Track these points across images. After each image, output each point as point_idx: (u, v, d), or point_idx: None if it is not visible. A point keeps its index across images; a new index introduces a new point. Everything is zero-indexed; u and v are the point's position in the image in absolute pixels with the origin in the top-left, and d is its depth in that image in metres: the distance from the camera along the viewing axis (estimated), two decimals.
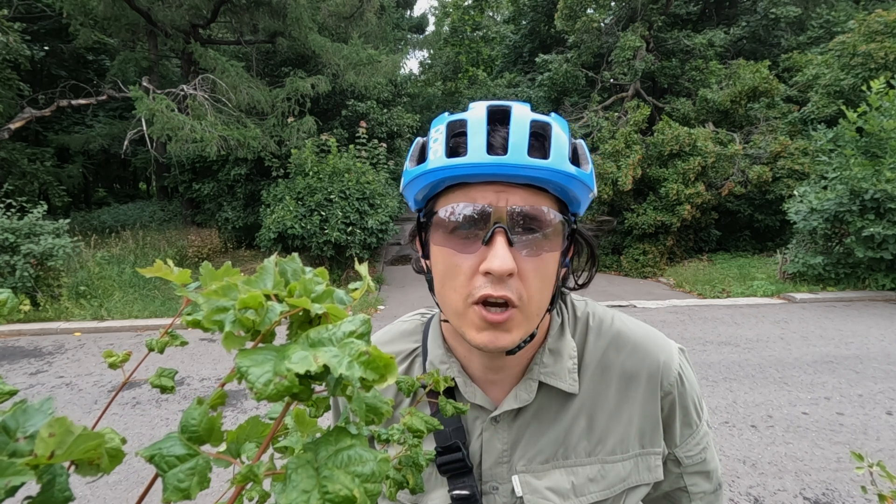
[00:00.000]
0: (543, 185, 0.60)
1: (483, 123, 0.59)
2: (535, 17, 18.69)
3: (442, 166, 0.59)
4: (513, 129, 0.58)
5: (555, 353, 0.70)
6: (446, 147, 0.60)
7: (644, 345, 0.72)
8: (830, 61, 11.97)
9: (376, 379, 0.24)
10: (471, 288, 0.59)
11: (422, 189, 0.63)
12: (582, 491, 0.68)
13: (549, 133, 0.60)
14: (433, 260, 0.65)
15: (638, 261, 11.18)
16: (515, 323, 0.60)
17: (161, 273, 0.32)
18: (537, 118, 0.60)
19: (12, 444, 0.20)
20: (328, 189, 8.74)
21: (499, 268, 0.56)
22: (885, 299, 7.59)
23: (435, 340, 0.75)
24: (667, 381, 0.71)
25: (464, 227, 0.60)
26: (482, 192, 0.59)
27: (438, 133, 0.62)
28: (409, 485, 0.41)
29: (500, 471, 0.70)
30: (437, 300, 0.67)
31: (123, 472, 3.13)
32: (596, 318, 0.75)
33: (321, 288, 0.28)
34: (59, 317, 6.80)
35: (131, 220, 13.74)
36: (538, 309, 0.62)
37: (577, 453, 0.69)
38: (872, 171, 7.58)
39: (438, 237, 0.62)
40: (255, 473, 0.24)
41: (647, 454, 0.71)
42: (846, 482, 3.00)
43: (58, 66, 15.12)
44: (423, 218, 0.67)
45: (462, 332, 0.62)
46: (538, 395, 0.70)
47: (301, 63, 12.48)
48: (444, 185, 0.62)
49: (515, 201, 0.59)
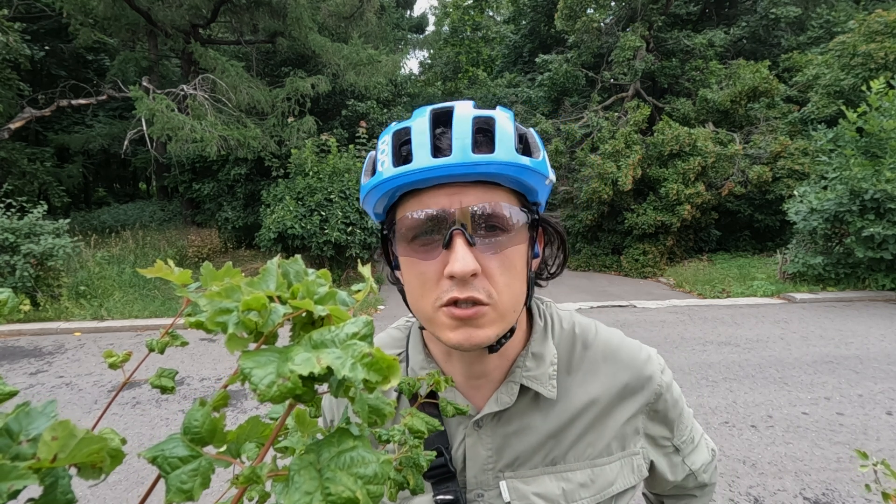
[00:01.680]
0: (495, 180, 0.59)
1: (426, 128, 0.59)
2: (535, 17, 18.69)
3: (389, 176, 0.59)
4: (455, 128, 0.58)
5: (537, 357, 0.71)
6: (393, 156, 0.60)
7: (627, 354, 0.74)
8: (830, 61, 11.97)
9: (379, 381, 0.24)
10: (438, 292, 0.59)
11: (378, 201, 0.63)
12: (573, 497, 0.68)
13: (493, 126, 0.59)
14: (402, 270, 0.66)
15: (638, 261, 11.18)
16: (488, 319, 0.60)
17: (161, 273, 0.32)
18: (480, 114, 0.60)
19: (15, 447, 0.20)
20: (328, 189, 8.74)
21: (461, 270, 0.56)
22: (885, 299, 7.60)
23: (415, 346, 0.76)
24: (652, 385, 0.73)
25: (423, 234, 0.60)
26: (434, 197, 0.59)
27: (385, 144, 0.62)
28: (409, 486, 0.41)
29: (486, 477, 0.69)
30: (411, 308, 0.67)
31: (123, 472, 3.13)
32: (582, 328, 0.76)
33: (324, 290, 0.28)
34: (59, 317, 6.80)
35: (131, 220, 13.75)
36: (512, 304, 0.62)
37: (566, 459, 0.70)
38: (872, 171, 7.58)
39: (402, 247, 0.63)
40: (258, 475, 0.24)
41: (630, 455, 0.73)
42: (846, 482, 3.00)
43: (58, 66, 15.12)
44: (385, 230, 0.66)
45: (437, 335, 0.62)
46: (522, 400, 0.70)
47: (301, 63, 12.48)
48: (398, 194, 0.62)
49: (469, 201, 0.59)
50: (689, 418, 0.80)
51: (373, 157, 0.65)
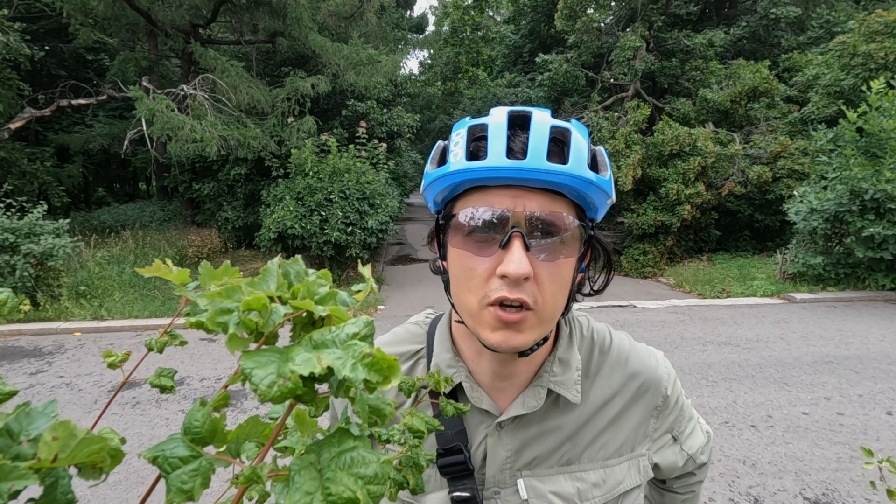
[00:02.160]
0: (561, 191, 0.60)
1: (503, 128, 0.60)
2: (535, 17, 18.68)
3: (461, 169, 0.60)
4: (532, 134, 0.59)
5: (564, 363, 0.72)
6: (466, 150, 0.61)
7: (638, 359, 0.78)
8: (830, 61, 11.97)
9: (380, 381, 0.24)
10: (487, 290, 0.60)
11: (441, 191, 0.65)
12: (586, 496, 0.70)
13: (568, 139, 0.60)
14: (450, 261, 0.66)
15: (638, 261, 11.18)
16: (529, 325, 0.61)
17: (160, 273, 0.32)
18: (557, 124, 0.61)
19: (15, 447, 0.20)
20: (328, 189, 8.73)
21: (515, 271, 0.57)
22: (885, 299, 7.59)
23: (442, 343, 0.76)
24: (661, 388, 0.77)
25: (481, 231, 0.61)
26: (500, 197, 0.60)
27: (459, 137, 0.63)
28: (409, 485, 0.41)
29: (504, 476, 0.71)
30: (453, 301, 0.68)
31: (123, 472, 3.13)
32: (599, 335, 0.79)
33: (324, 290, 0.28)
34: (59, 317, 6.80)
35: (131, 220, 13.74)
36: (553, 313, 0.63)
37: (581, 460, 0.72)
38: (872, 172, 7.58)
39: (456, 240, 0.63)
40: (259, 475, 0.24)
41: (637, 456, 0.75)
42: (846, 482, 3.00)
43: (58, 66, 15.10)
44: (442, 220, 0.67)
45: (476, 332, 0.63)
46: (545, 404, 0.71)
47: (301, 63, 12.48)
48: (463, 187, 0.63)
49: (533, 206, 0.60)
50: (688, 408, 0.84)
51: (441, 146, 0.67)
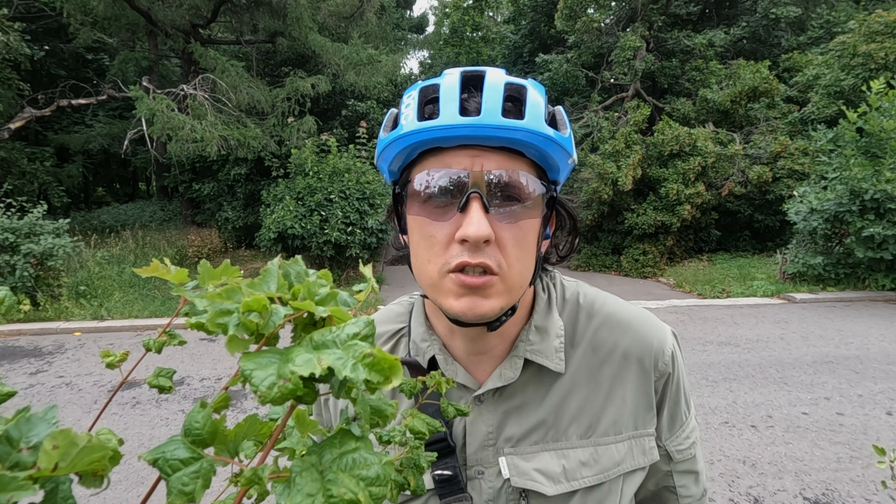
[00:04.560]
0: (520, 148, 0.58)
1: (456, 88, 0.57)
2: (535, 18, 18.66)
3: (413, 130, 0.57)
4: (486, 91, 0.57)
5: (541, 331, 0.68)
6: (418, 112, 0.58)
7: (637, 325, 0.71)
8: (831, 62, 11.97)
9: (381, 381, 0.23)
10: (447, 257, 0.58)
11: (396, 157, 0.62)
12: (574, 475, 0.66)
13: (524, 96, 0.58)
14: (409, 232, 0.64)
15: (638, 261, 11.18)
16: (496, 290, 0.58)
17: (158, 273, 0.32)
18: (512, 81, 0.58)
19: (15, 455, 0.19)
20: (328, 189, 8.73)
21: (475, 234, 0.54)
22: (885, 299, 7.59)
23: (417, 318, 0.74)
24: (661, 361, 0.69)
25: (439, 195, 0.58)
26: (456, 157, 0.58)
27: (411, 99, 0.60)
28: (410, 486, 0.41)
29: (486, 454, 0.68)
30: (414, 273, 0.65)
31: (123, 473, 3.13)
32: (587, 298, 0.73)
33: (325, 290, 0.28)
34: (59, 316, 6.80)
35: (131, 220, 13.75)
36: (520, 279, 0.60)
37: (567, 436, 0.67)
38: (872, 172, 7.58)
39: (414, 207, 0.61)
40: (260, 477, 0.24)
41: (641, 436, 0.69)
42: (846, 482, 3.00)
43: (58, 66, 15.10)
44: (398, 189, 0.65)
45: (439, 303, 0.60)
46: (524, 375, 0.68)
47: (301, 63, 12.48)
48: (418, 150, 0.60)
49: (491, 165, 0.57)
50: (693, 430, 0.75)
51: (394, 113, 0.64)
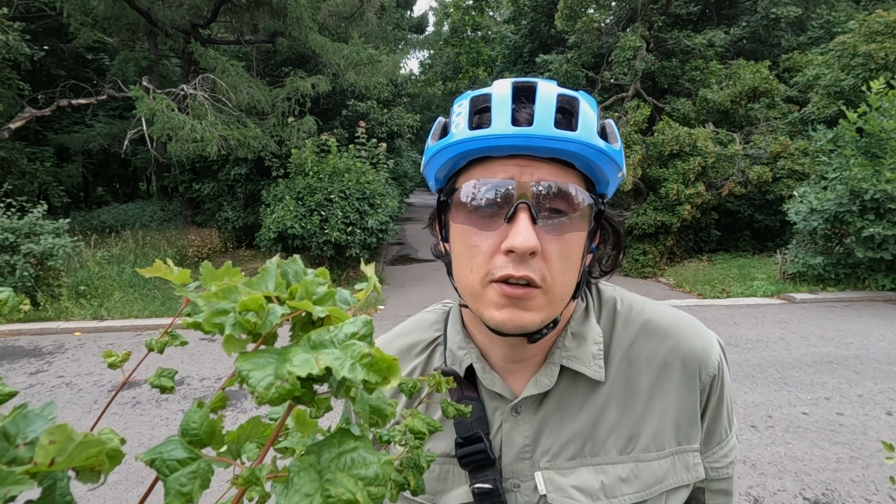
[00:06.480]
0: (570, 160, 0.57)
1: (508, 98, 0.57)
2: (536, 17, 18.66)
3: (464, 139, 0.57)
4: (538, 103, 0.56)
5: (578, 337, 0.66)
6: (469, 121, 0.58)
7: (678, 331, 0.67)
8: (831, 62, 11.96)
9: (379, 381, 0.23)
10: (490, 267, 0.57)
11: (443, 165, 0.61)
12: (613, 492, 0.62)
13: (576, 108, 0.57)
14: (452, 240, 0.63)
15: (638, 261, 11.18)
16: (537, 303, 0.57)
17: (160, 273, 0.32)
18: (564, 93, 0.58)
19: (12, 451, 0.19)
20: (328, 189, 8.73)
21: (521, 245, 0.53)
22: (885, 299, 7.59)
23: (454, 325, 0.72)
24: (705, 371, 0.66)
25: (485, 204, 0.57)
26: (505, 167, 0.57)
27: (461, 108, 0.60)
28: (409, 487, 0.41)
29: (522, 467, 0.65)
30: (455, 282, 0.64)
31: (123, 472, 3.13)
32: (625, 304, 0.70)
33: (323, 290, 0.28)
34: (59, 316, 6.80)
35: (131, 220, 13.74)
36: (562, 293, 0.59)
37: (606, 450, 0.64)
38: (872, 172, 7.58)
39: (459, 216, 0.60)
40: (258, 476, 0.24)
41: (685, 451, 0.65)
42: (846, 482, 3.00)
43: (58, 66, 15.09)
44: (444, 197, 0.63)
45: (480, 312, 0.59)
46: (561, 384, 0.66)
47: (301, 63, 12.47)
48: (467, 159, 0.59)
49: (541, 176, 0.56)
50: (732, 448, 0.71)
51: (442, 122, 0.63)
